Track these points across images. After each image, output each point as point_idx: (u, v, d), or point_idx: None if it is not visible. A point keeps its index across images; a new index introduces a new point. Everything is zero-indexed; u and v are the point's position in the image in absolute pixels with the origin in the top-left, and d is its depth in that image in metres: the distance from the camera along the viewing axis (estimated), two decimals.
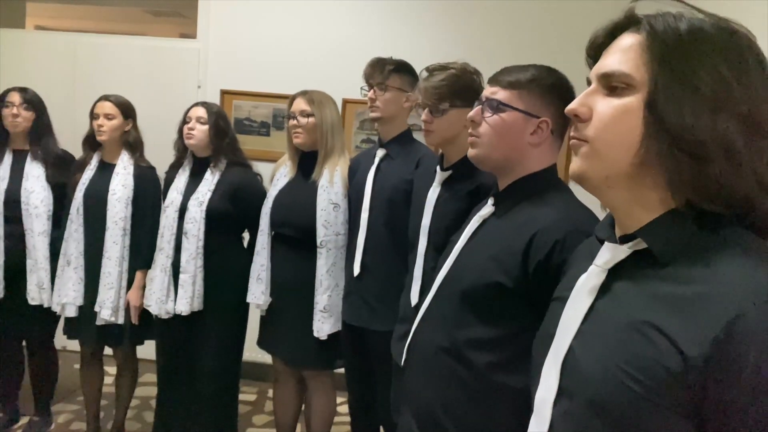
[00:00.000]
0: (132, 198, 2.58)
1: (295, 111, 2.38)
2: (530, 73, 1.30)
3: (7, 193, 2.63)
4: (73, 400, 3.03)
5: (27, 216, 2.63)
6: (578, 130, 0.80)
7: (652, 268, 0.75)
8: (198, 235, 2.43)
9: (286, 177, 2.46)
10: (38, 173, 2.66)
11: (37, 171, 2.67)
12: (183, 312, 2.43)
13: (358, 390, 2.40)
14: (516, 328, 1.21)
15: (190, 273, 2.43)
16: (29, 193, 2.63)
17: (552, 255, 1.16)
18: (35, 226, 2.62)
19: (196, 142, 2.48)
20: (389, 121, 2.18)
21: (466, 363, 1.24)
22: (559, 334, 0.84)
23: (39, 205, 2.63)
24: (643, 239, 0.76)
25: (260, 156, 3.38)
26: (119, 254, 2.54)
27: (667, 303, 0.70)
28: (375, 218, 2.17)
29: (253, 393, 3.49)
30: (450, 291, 1.31)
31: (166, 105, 3.38)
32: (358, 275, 2.19)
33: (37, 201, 2.63)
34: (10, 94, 2.65)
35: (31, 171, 2.66)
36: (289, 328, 2.41)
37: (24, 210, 2.63)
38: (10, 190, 2.64)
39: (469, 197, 1.72)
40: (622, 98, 0.75)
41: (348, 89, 2.98)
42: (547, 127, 1.30)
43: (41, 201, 2.64)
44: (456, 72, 1.77)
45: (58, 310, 2.59)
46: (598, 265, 0.81)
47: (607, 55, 0.79)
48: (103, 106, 2.59)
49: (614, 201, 0.80)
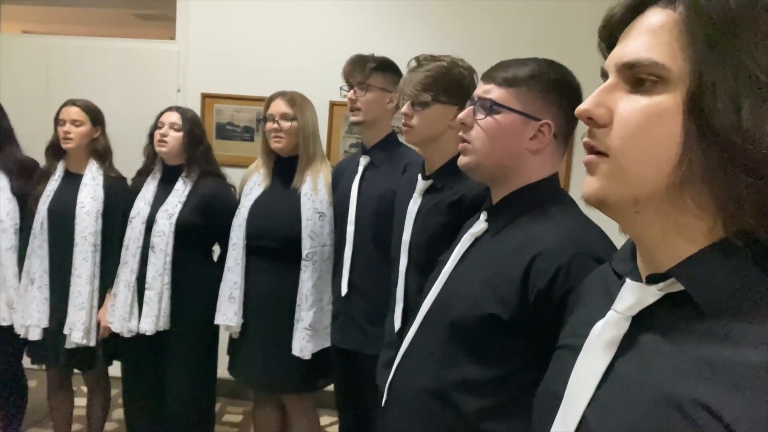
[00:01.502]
0: (102, 211, 2.39)
1: (275, 114, 2.19)
2: (529, 68, 1.12)
3: None
4: (47, 425, 2.83)
5: None
6: (595, 137, 0.60)
7: (692, 318, 0.56)
8: (166, 249, 2.24)
9: (260, 186, 2.26)
10: (2, 184, 2.47)
11: (1, 182, 2.48)
12: (147, 331, 2.24)
13: (351, 415, 2.22)
14: (512, 368, 1.03)
15: (156, 290, 2.24)
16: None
17: (555, 283, 0.98)
18: (2, 241, 2.43)
19: (169, 149, 2.30)
20: (372, 125, 2.00)
21: (453, 409, 1.06)
22: (568, 397, 0.65)
23: (5, 218, 2.44)
24: (681, 282, 0.57)
25: (244, 162, 3.18)
26: (90, 272, 2.35)
27: (717, 372, 0.51)
28: (362, 232, 1.98)
29: (239, 414, 3.30)
30: (437, 323, 1.12)
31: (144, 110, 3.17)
32: (346, 294, 2.00)
33: (3, 214, 2.43)
34: None
35: None
36: (265, 350, 2.20)
37: None
38: None
39: (451, 210, 1.54)
40: (652, 96, 0.56)
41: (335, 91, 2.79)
42: (549, 131, 1.11)
43: (7, 214, 2.44)
44: (445, 64, 1.59)
45: (22, 333, 2.39)
46: (618, 311, 0.62)
47: (629, 37, 0.60)
48: (69, 111, 2.40)
49: (644, 231, 0.60)
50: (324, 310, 2.16)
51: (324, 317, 2.16)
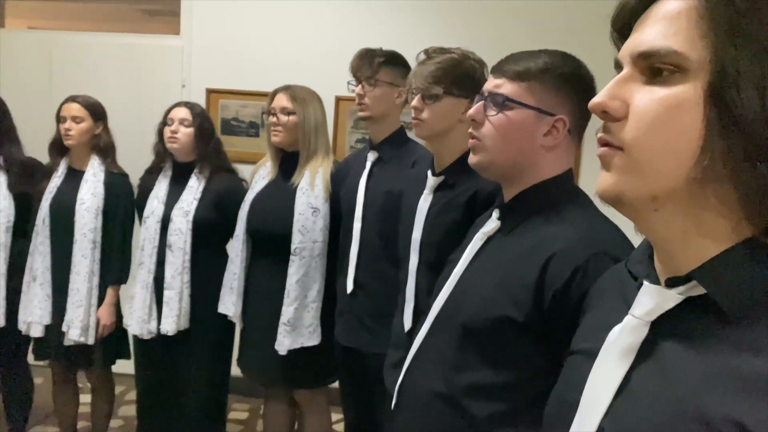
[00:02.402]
0: (102, 208, 2.36)
1: (276, 107, 2.18)
2: (542, 61, 1.07)
3: None
4: (53, 421, 2.82)
5: None
6: (610, 131, 0.57)
7: (717, 324, 0.52)
8: (184, 248, 2.22)
9: (265, 179, 2.25)
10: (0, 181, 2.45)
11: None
12: (169, 332, 2.22)
13: (356, 414, 2.19)
14: (525, 373, 0.99)
15: (176, 289, 2.23)
16: None
17: (571, 284, 0.94)
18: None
19: (180, 146, 2.28)
20: (380, 120, 1.96)
21: (464, 414, 1.03)
22: (583, 407, 0.61)
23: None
24: (704, 285, 0.53)
25: (249, 158, 3.16)
26: (88, 269, 2.33)
27: (748, 385, 0.48)
28: (368, 229, 1.95)
29: (245, 411, 3.28)
30: (448, 325, 1.09)
31: (148, 106, 3.16)
32: (352, 292, 1.96)
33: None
34: None
35: None
36: (264, 342, 2.18)
37: None
38: None
39: (465, 207, 1.49)
40: (670, 87, 0.53)
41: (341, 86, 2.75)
42: (564, 127, 1.07)
43: (0, 211, 2.42)
44: (456, 57, 1.55)
45: (24, 330, 2.38)
46: (636, 316, 0.58)
47: (644, 26, 0.57)
48: (70, 108, 2.37)
49: (663, 230, 0.57)
50: (308, 308, 2.12)
51: (307, 315, 2.12)
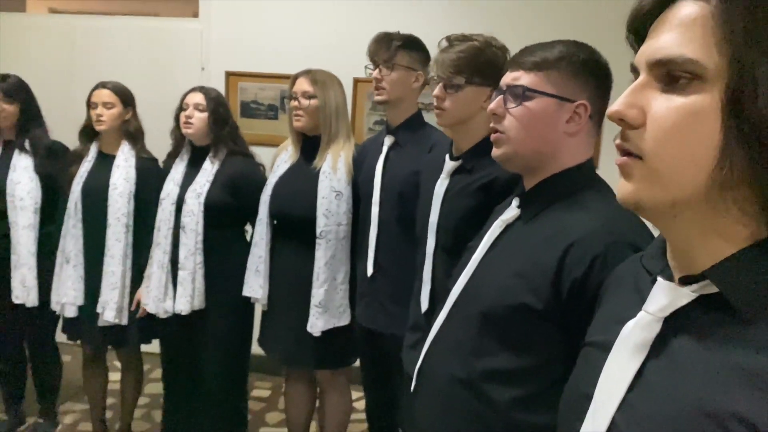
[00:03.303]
0: (134, 192, 2.41)
1: (297, 92, 2.19)
2: (558, 50, 1.08)
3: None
4: (82, 398, 2.92)
5: (12, 208, 2.48)
6: (628, 139, 0.58)
7: (729, 322, 0.54)
8: (196, 229, 2.26)
9: (286, 163, 2.28)
10: (26, 164, 2.51)
11: (24, 162, 2.51)
12: (183, 311, 2.28)
13: (376, 394, 2.25)
14: (544, 359, 1.01)
15: (189, 270, 2.27)
16: (15, 185, 2.48)
17: (591, 273, 0.96)
18: (20, 219, 2.48)
19: (195, 131, 2.30)
20: (397, 105, 1.97)
21: (484, 398, 1.05)
22: (597, 400, 0.63)
23: (25, 197, 2.48)
24: (717, 284, 0.55)
25: (268, 141, 3.20)
26: (122, 252, 2.39)
27: (757, 383, 0.49)
28: (386, 213, 1.97)
29: (267, 389, 3.36)
30: (467, 311, 1.11)
31: (168, 89, 3.19)
32: (372, 275, 2.00)
33: (23, 193, 2.48)
34: None
35: (19, 162, 2.50)
36: (288, 324, 2.23)
37: (9, 202, 2.48)
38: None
39: (482, 192, 1.50)
40: (687, 95, 0.54)
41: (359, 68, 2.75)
42: (586, 112, 1.08)
43: (27, 193, 2.49)
44: (478, 44, 1.53)
45: (58, 310, 2.45)
46: (650, 312, 0.60)
47: (660, 32, 0.57)
48: (100, 94, 2.41)
49: (682, 233, 0.58)
50: (337, 289, 2.17)
51: (336, 296, 2.16)
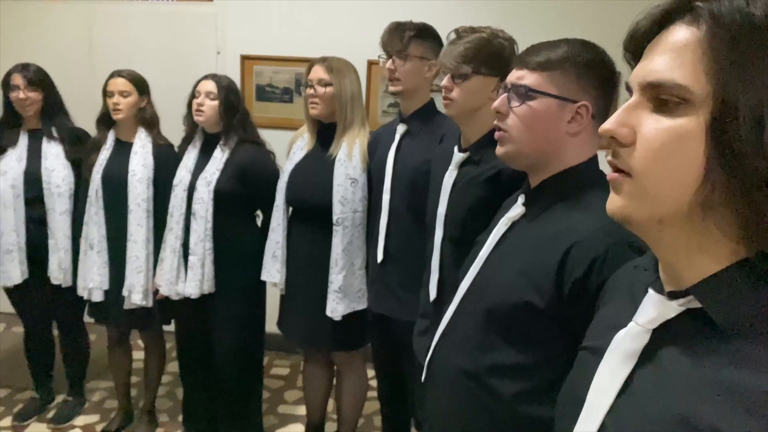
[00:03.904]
0: (153, 178, 2.47)
1: (313, 79, 2.21)
2: (562, 51, 1.09)
3: (27, 174, 2.57)
4: (108, 376, 3.02)
5: (49, 195, 2.56)
6: (618, 156, 0.61)
7: (712, 337, 0.57)
8: (206, 216, 2.32)
9: (302, 150, 2.31)
10: (56, 151, 2.59)
11: (55, 149, 2.59)
12: (192, 295, 2.35)
13: (387, 377, 2.31)
14: (547, 355, 1.05)
15: (198, 255, 2.34)
16: (50, 172, 2.56)
17: (591, 273, 0.98)
18: (57, 205, 2.57)
19: (206, 119, 2.34)
20: (411, 95, 1.98)
21: (490, 391, 1.09)
22: (590, 403, 0.67)
23: (61, 183, 2.57)
24: (700, 301, 0.58)
25: (283, 124, 3.24)
26: (145, 237, 2.46)
27: (733, 398, 0.52)
28: (397, 201, 2.00)
29: (286, 367, 3.45)
30: (473, 308, 1.15)
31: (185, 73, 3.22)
32: (382, 262, 2.04)
33: (59, 180, 2.57)
34: (13, 76, 2.54)
35: (49, 150, 2.58)
36: (306, 308, 2.30)
37: (46, 189, 2.56)
38: (29, 170, 2.57)
39: (489, 184, 1.52)
40: (675, 118, 0.56)
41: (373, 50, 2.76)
42: (588, 113, 1.10)
43: (62, 179, 2.57)
44: (486, 36, 1.56)
45: (85, 295, 2.54)
46: (639, 323, 0.63)
47: (653, 54, 0.59)
48: (116, 83, 2.45)
49: (668, 248, 0.61)
50: (356, 275, 2.21)
51: (355, 281, 2.21)
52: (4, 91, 2.56)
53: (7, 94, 2.55)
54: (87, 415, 2.89)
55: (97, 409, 2.94)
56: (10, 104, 2.56)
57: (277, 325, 2.46)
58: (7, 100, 2.57)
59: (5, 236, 2.55)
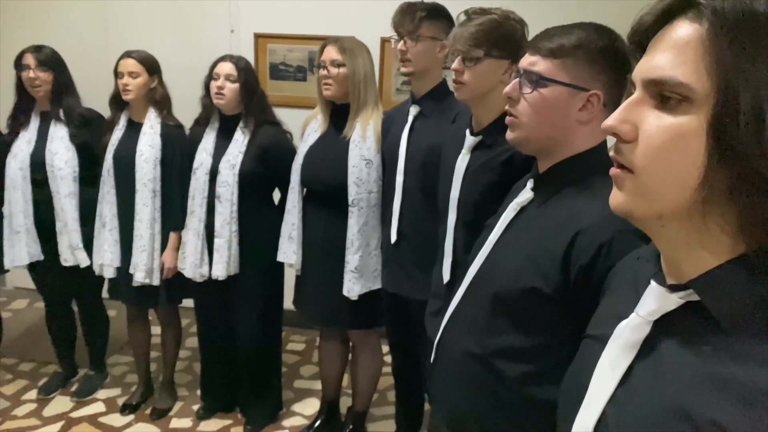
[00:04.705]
0: (160, 158, 2.50)
1: (326, 60, 2.20)
2: (575, 37, 1.08)
3: (33, 157, 2.60)
4: (128, 351, 3.10)
5: (53, 178, 2.59)
6: (621, 152, 0.61)
7: (711, 330, 0.57)
8: (231, 199, 2.35)
9: (317, 132, 2.32)
10: (62, 134, 2.61)
11: (60, 132, 2.61)
12: (220, 277, 2.40)
13: (402, 356, 2.35)
14: (553, 339, 1.06)
15: (225, 237, 2.38)
16: (53, 155, 2.58)
17: (596, 260, 0.99)
18: (61, 188, 2.60)
19: (227, 101, 2.35)
20: (423, 76, 1.97)
21: (496, 373, 1.12)
22: (592, 391, 0.69)
23: (63, 166, 2.59)
24: (699, 295, 0.59)
25: (297, 102, 3.25)
26: (150, 216, 2.50)
27: (731, 392, 0.53)
28: (410, 182, 2.01)
29: (301, 342, 3.50)
30: (480, 292, 1.16)
31: (198, 51, 3.25)
32: (395, 242, 2.06)
33: (61, 162, 2.58)
34: (25, 56, 2.55)
35: (56, 132, 2.61)
36: (323, 288, 2.33)
37: (49, 172, 2.59)
38: (35, 153, 2.60)
39: (502, 168, 1.53)
40: (676, 115, 0.56)
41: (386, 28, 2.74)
42: (599, 101, 1.09)
43: (65, 162, 2.59)
44: (497, 17, 1.54)
45: (98, 271, 2.60)
46: (640, 315, 0.65)
47: (656, 50, 0.59)
48: (126, 63, 2.47)
49: (669, 242, 0.62)
50: (371, 255, 2.24)
51: (371, 261, 2.24)
52: (17, 70, 2.58)
53: (19, 73, 2.58)
54: (108, 389, 2.97)
55: (118, 383, 3.02)
56: (22, 85, 2.59)
57: (294, 304, 2.50)
58: (20, 80, 2.59)
59: (14, 217, 2.60)
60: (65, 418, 2.74)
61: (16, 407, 2.81)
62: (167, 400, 2.83)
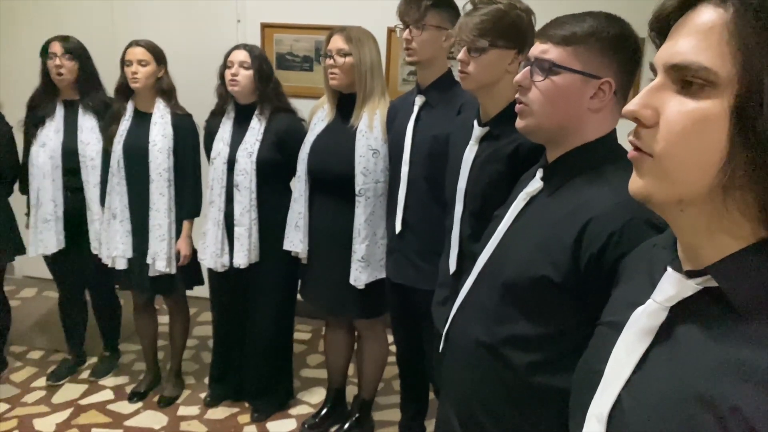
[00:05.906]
0: (173, 148, 2.51)
1: (332, 49, 2.20)
2: (588, 25, 1.07)
3: (65, 146, 2.64)
4: (136, 340, 3.12)
5: (84, 168, 2.63)
6: (640, 137, 0.61)
7: (728, 316, 0.58)
8: (250, 187, 2.37)
9: (323, 121, 2.32)
10: (91, 125, 2.64)
11: (90, 122, 2.64)
12: (241, 265, 2.42)
13: (406, 346, 2.36)
14: (563, 327, 1.06)
15: (245, 226, 2.39)
16: (85, 146, 2.62)
17: (607, 249, 0.99)
18: (91, 178, 2.64)
19: (241, 88, 2.36)
20: (428, 65, 1.96)
21: (505, 362, 1.12)
22: (607, 377, 0.69)
23: (95, 156, 2.63)
24: (717, 280, 0.59)
25: (304, 92, 3.24)
26: (167, 205, 2.52)
27: (753, 377, 0.53)
28: (416, 172, 2.01)
29: (308, 332, 3.52)
30: (490, 281, 1.17)
31: (206, 41, 3.26)
32: (400, 232, 2.06)
33: (93, 153, 2.63)
34: (52, 44, 2.59)
35: (85, 123, 2.63)
36: (329, 277, 2.35)
37: (81, 162, 2.63)
38: (66, 142, 2.64)
39: (509, 159, 1.52)
40: (699, 100, 0.56)
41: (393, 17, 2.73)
42: (610, 89, 1.09)
43: (97, 153, 2.63)
44: (502, 7, 1.53)
45: (109, 263, 2.61)
46: (657, 301, 0.64)
47: (679, 35, 0.59)
48: (134, 52, 2.48)
49: (688, 227, 0.62)
50: (378, 244, 2.25)
51: (377, 250, 2.25)
52: (43, 58, 2.60)
53: (45, 62, 2.60)
54: (116, 376, 3.00)
55: (126, 371, 3.05)
56: (47, 73, 2.61)
57: (300, 292, 2.52)
58: (45, 68, 2.61)
59: (44, 206, 2.63)
60: (74, 404, 2.77)
61: (25, 394, 2.84)
62: (175, 388, 2.86)
